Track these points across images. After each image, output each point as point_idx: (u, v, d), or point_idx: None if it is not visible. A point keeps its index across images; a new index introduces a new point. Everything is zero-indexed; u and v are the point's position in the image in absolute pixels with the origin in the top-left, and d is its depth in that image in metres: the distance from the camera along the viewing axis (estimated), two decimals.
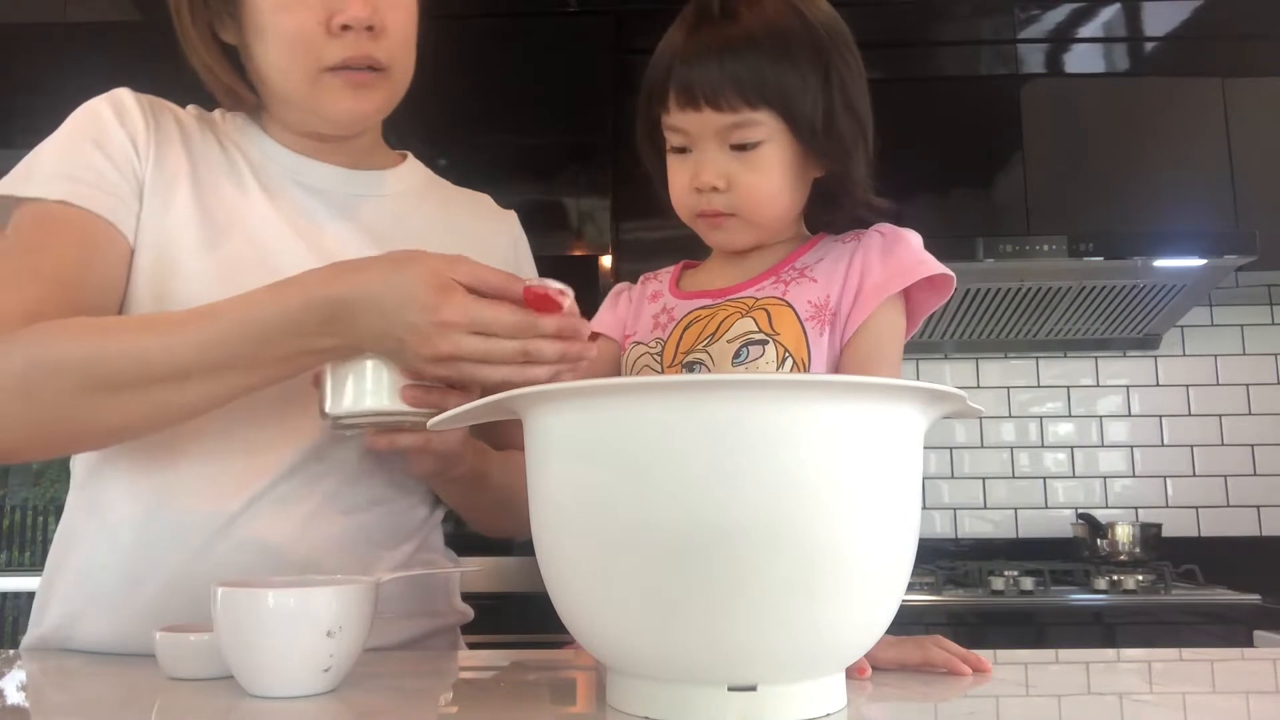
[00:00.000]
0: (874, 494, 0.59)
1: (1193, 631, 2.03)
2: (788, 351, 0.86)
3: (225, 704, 0.67)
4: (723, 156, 0.86)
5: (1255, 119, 2.41)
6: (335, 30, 0.89)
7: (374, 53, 0.91)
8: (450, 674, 0.84)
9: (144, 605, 0.87)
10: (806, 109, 0.85)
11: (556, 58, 2.41)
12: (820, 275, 0.89)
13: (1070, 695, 0.74)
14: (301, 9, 0.89)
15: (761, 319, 0.88)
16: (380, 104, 0.96)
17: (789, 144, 0.86)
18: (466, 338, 0.75)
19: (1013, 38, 2.52)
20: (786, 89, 0.84)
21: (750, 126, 0.85)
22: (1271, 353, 2.65)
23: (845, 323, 0.87)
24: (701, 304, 0.92)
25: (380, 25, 0.91)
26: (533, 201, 2.39)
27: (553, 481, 0.62)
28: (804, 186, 0.90)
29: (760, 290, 0.90)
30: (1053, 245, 2.25)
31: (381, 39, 0.91)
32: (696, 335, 0.89)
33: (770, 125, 0.85)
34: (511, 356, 0.76)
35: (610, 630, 0.61)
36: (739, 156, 0.86)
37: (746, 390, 0.57)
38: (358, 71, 0.91)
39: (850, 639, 0.62)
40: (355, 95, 0.93)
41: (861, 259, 0.89)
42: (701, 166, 0.87)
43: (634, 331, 0.96)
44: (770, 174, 0.87)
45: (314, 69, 0.91)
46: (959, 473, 2.66)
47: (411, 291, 0.75)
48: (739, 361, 0.86)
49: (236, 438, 0.90)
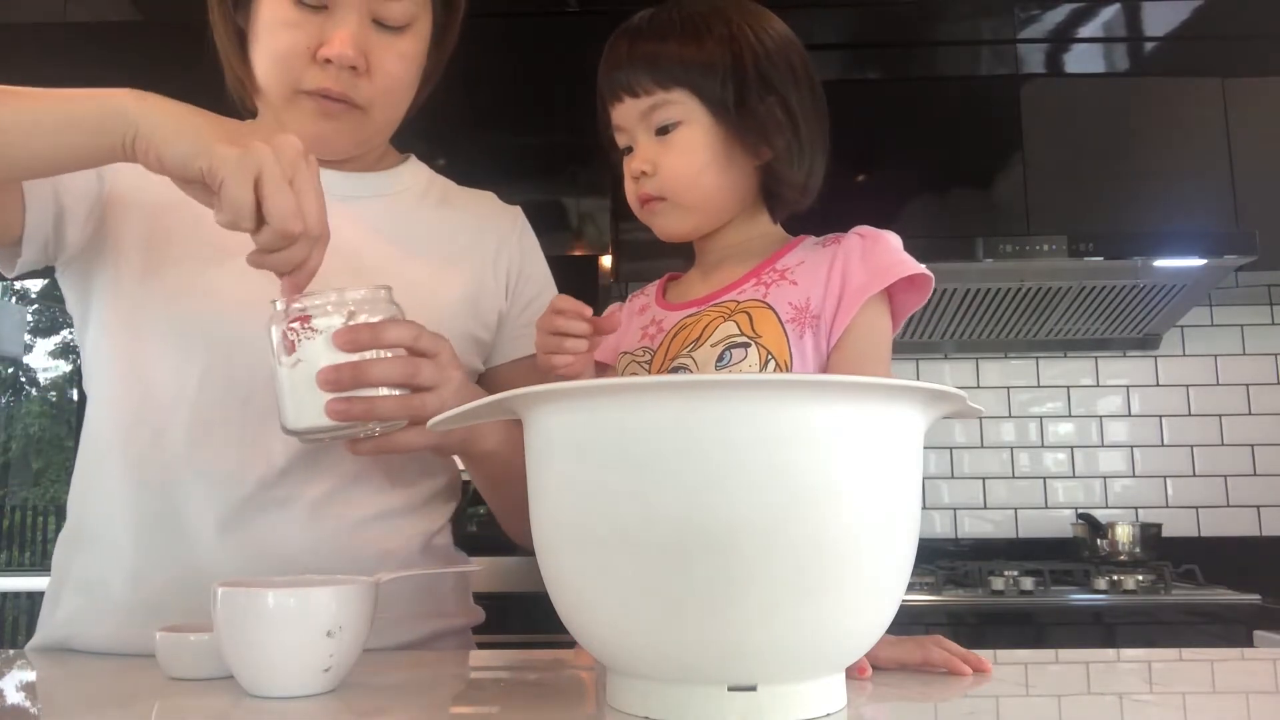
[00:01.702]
0: (874, 494, 0.59)
1: (1193, 631, 2.03)
2: (770, 354, 0.86)
3: (225, 704, 0.67)
4: (650, 143, 0.91)
5: (1255, 119, 2.41)
6: (319, 59, 0.90)
7: (351, 92, 0.92)
8: (450, 674, 0.84)
9: (145, 608, 0.87)
10: (716, 85, 0.89)
11: (556, 58, 2.41)
12: (801, 278, 0.90)
13: (1070, 695, 0.74)
14: (295, 30, 0.90)
15: (744, 322, 0.88)
16: (350, 138, 0.97)
17: (709, 125, 0.90)
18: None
19: (1013, 38, 2.52)
20: (694, 67, 0.89)
21: (665, 107, 0.90)
22: (1271, 353, 2.65)
23: (830, 326, 0.88)
24: (689, 313, 0.93)
25: (366, 68, 0.92)
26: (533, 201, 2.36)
27: (553, 481, 0.62)
28: (738, 173, 0.92)
29: (742, 293, 0.91)
30: (1053, 245, 2.25)
31: (363, 81, 0.92)
32: (682, 342, 0.90)
33: (686, 105, 0.89)
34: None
35: (610, 630, 0.61)
36: (662, 140, 0.91)
37: (747, 390, 0.57)
38: (330, 101, 0.92)
39: (850, 639, 0.62)
40: (322, 123, 0.93)
41: (842, 262, 0.89)
42: (634, 155, 0.92)
43: (622, 344, 0.98)
44: (691, 154, 0.90)
45: (291, 88, 0.92)
46: (959, 473, 2.66)
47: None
48: (722, 365, 0.86)
49: (233, 438, 0.90)
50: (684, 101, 0.89)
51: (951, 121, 2.45)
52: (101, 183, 0.95)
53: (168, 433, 0.91)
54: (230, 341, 0.91)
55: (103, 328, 0.95)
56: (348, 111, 0.93)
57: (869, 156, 2.40)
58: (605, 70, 0.93)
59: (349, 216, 0.98)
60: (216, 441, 0.90)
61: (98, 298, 0.96)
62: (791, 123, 0.90)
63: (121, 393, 0.93)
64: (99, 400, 0.96)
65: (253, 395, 0.89)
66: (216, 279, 0.92)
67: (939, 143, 2.41)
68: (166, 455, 0.90)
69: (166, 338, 0.92)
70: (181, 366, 0.91)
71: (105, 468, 0.92)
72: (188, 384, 0.91)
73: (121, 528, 0.90)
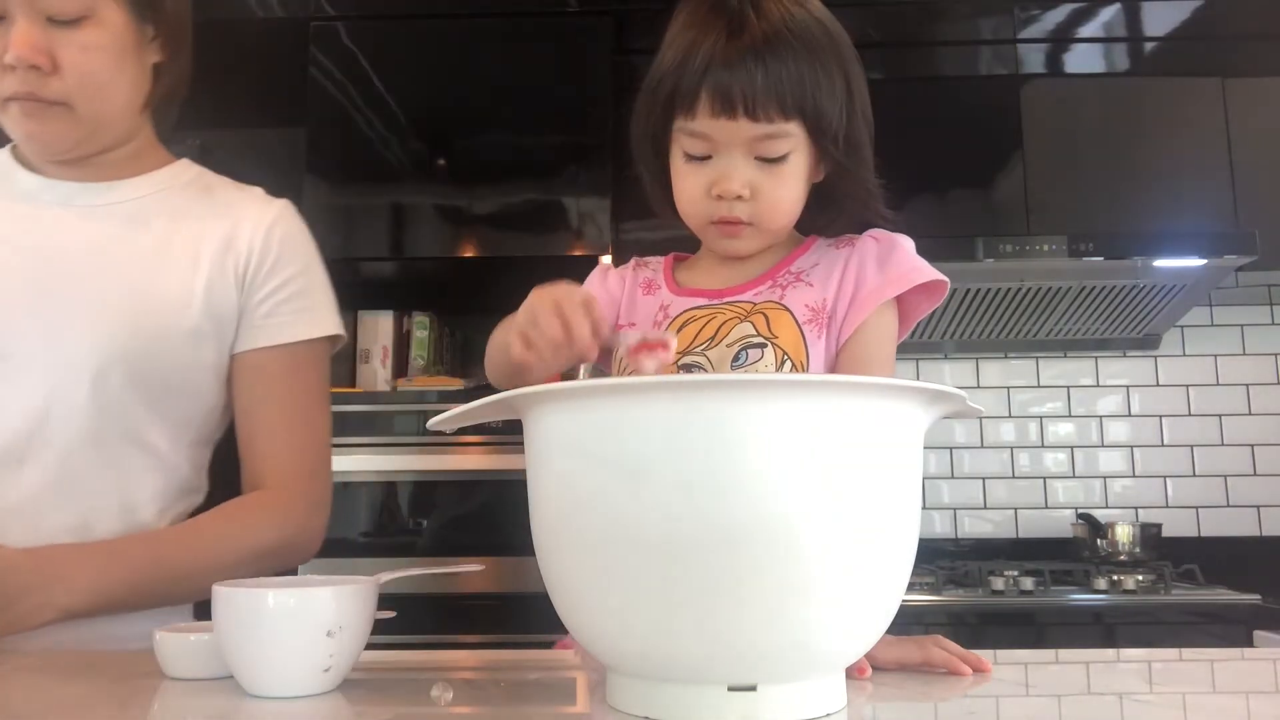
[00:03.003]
0: (874, 494, 0.59)
1: (1193, 631, 2.02)
2: (786, 354, 0.86)
3: (225, 704, 0.67)
4: (748, 166, 0.85)
5: (1255, 119, 2.41)
6: (5, 66, 0.94)
7: (39, 91, 0.96)
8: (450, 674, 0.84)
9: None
10: (834, 122, 0.85)
11: (556, 58, 2.41)
12: (816, 279, 0.90)
13: (1070, 695, 0.74)
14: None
15: (760, 323, 0.88)
16: (65, 134, 1.00)
17: (808, 154, 0.87)
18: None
19: (1013, 38, 2.52)
20: (820, 102, 0.84)
21: (781, 139, 0.84)
22: (1271, 353, 2.65)
23: (841, 326, 0.88)
24: (697, 303, 0.92)
25: (51, 65, 0.95)
26: (533, 201, 2.39)
27: (553, 481, 0.62)
28: (807, 192, 0.91)
29: (758, 295, 0.90)
30: (1053, 245, 2.25)
31: (52, 79, 0.96)
32: (693, 337, 0.89)
33: (797, 137, 0.85)
34: None
35: (610, 630, 0.61)
36: (764, 167, 0.85)
37: (747, 390, 0.57)
38: (30, 102, 0.96)
39: (850, 639, 0.62)
40: (30, 122, 0.98)
41: (857, 264, 0.89)
42: (726, 175, 0.85)
43: (629, 320, 0.96)
44: (793, 185, 0.87)
45: (0, 97, 0.96)
46: (959, 473, 2.66)
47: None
48: (738, 365, 0.86)
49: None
50: (797, 133, 0.85)
51: (951, 121, 2.45)
52: None
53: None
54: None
55: None
56: (49, 109, 0.97)
57: None
58: (718, 76, 0.82)
59: (73, 224, 1.02)
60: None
61: None
62: (872, 141, 0.89)
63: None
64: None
65: None
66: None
67: (939, 143, 2.41)
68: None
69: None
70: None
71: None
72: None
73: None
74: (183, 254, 1.04)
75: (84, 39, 0.97)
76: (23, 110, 0.97)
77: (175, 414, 1.03)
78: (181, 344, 1.01)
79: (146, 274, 1.02)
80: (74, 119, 0.99)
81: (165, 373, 1.01)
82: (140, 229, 1.04)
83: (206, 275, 1.04)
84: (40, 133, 0.99)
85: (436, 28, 2.44)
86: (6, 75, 0.95)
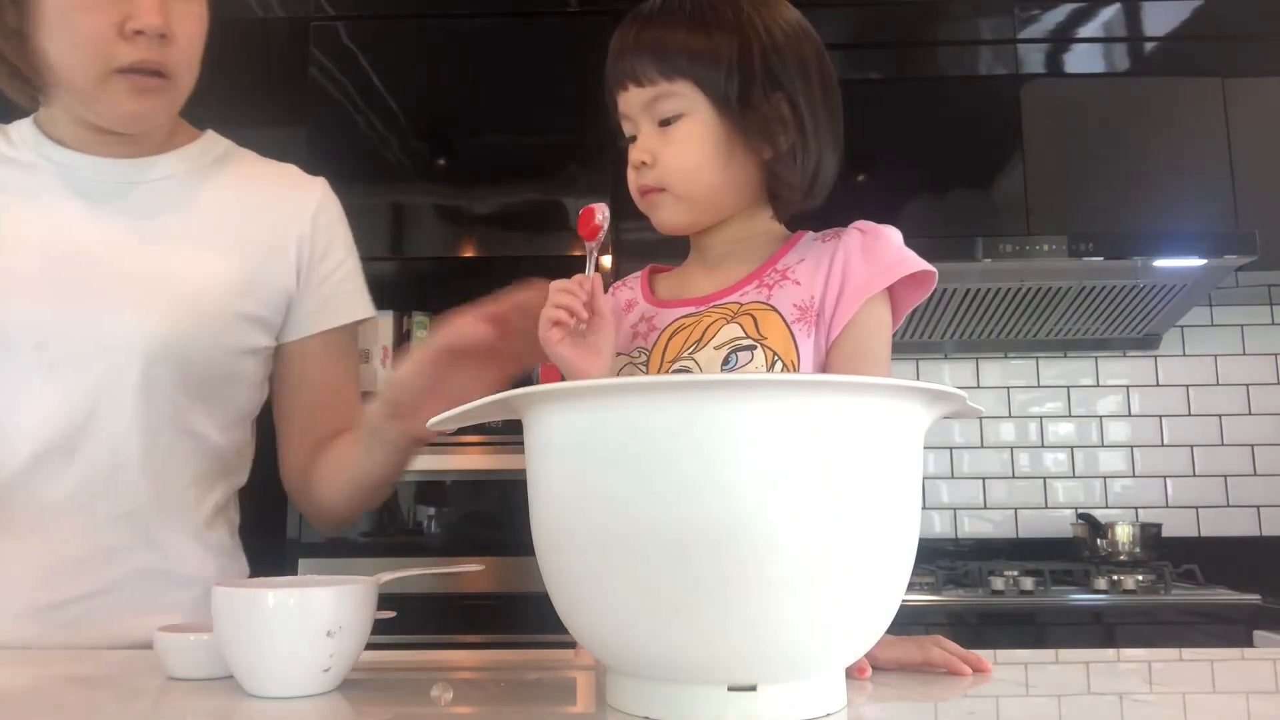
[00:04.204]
0: (874, 494, 0.59)
1: (1193, 631, 2.03)
2: (776, 355, 0.85)
3: (225, 704, 0.67)
4: (652, 133, 0.90)
5: (1255, 119, 2.41)
6: (128, 34, 0.93)
7: (162, 60, 0.95)
8: (450, 674, 0.84)
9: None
10: (720, 79, 0.87)
11: (556, 58, 2.41)
12: (803, 277, 0.89)
13: (1070, 695, 0.74)
14: (96, 10, 0.92)
15: (748, 324, 0.87)
16: (162, 109, 1.00)
17: (712, 119, 0.88)
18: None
19: (1013, 38, 2.52)
20: (699, 58, 0.87)
21: (669, 98, 0.88)
22: (1271, 353, 2.65)
23: (830, 322, 0.87)
24: (686, 312, 0.92)
25: (170, 34, 0.94)
26: (533, 201, 2.39)
27: (553, 481, 0.62)
28: (739, 168, 0.90)
29: (744, 295, 0.90)
30: (1053, 245, 2.25)
31: (170, 47, 0.95)
32: (682, 343, 0.89)
33: (689, 97, 0.88)
34: None
35: (610, 630, 0.61)
36: (664, 131, 0.89)
37: (746, 390, 0.57)
38: (144, 76, 0.95)
39: (850, 639, 0.62)
40: (138, 99, 0.96)
41: (843, 258, 0.88)
42: (636, 145, 0.91)
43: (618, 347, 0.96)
44: (691, 147, 0.88)
45: (103, 70, 0.94)
46: (959, 473, 2.66)
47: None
48: (728, 368, 0.85)
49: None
50: (687, 93, 0.87)
51: (951, 121, 2.45)
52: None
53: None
54: None
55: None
56: (159, 84, 0.97)
57: (869, 156, 2.40)
58: (613, 57, 0.91)
59: (113, 207, 1.01)
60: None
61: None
62: (797, 121, 0.88)
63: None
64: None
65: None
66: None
67: (939, 143, 2.41)
68: None
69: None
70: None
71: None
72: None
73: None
74: (227, 239, 1.04)
75: (197, 9, 0.98)
76: (133, 86, 0.95)
77: (218, 398, 1.03)
78: (226, 330, 1.01)
79: (190, 260, 1.01)
80: (174, 92, 0.99)
81: (210, 359, 1.01)
82: (180, 212, 1.03)
83: (255, 262, 1.04)
84: (147, 110, 0.98)
85: (436, 28, 2.44)
86: (122, 45, 0.93)
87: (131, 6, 0.92)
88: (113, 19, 0.92)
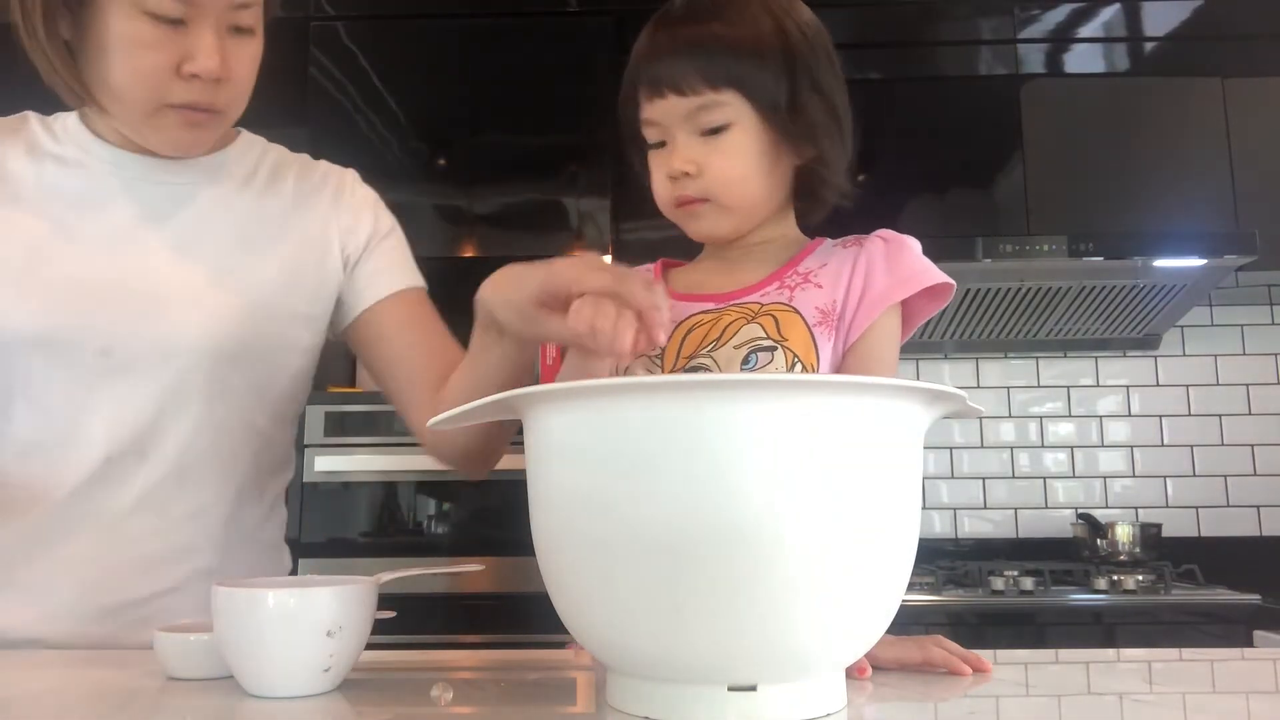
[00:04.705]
0: (874, 494, 0.59)
1: (1193, 631, 2.03)
2: (797, 357, 0.86)
3: (225, 704, 0.67)
4: (694, 142, 0.87)
5: (1255, 119, 2.41)
6: (185, 75, 0.93)
7: (215, 101, 0.96)
8: (450, 674, 0.84)
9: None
10: (769, 87, 0.86)
11: (556, 58, 2.41)
12: (825, 281, 0.89)
13: (1070, 695, 0.74)
14: (157, 50, 0.92)
15: (769, 325, 0.87)
16: (209, 140, 1.01)
17: (757, 127, 0.87)
18: None
19: (1013, 38, 2.52)
20: (746, 67, 0.85)
21: (715, 108, 0.86)
22: (1271, 353, 2.65)
23: (849, 327, 0.88)
24: (704, 308, 0.91)
25: (226, 76, 0.95)
26: (533, 201, 2.39)
27: (553, 481, 0.62)
28: (781, 174, 0.90)
29: (765, 295, 0.90)
30: (1053, 245, 2.25)
31: (224, 88, 0.96)
32: (699, 340, 0.89)
33: (736, 107, 0.86)
34: None
35: (610, 630, 0.61)
36: (708, 141, 0.87)
37: (747, 390, 0.57)
38: (196, 112, 0.96)
39: (850, 639, 0.62)
40: (188, 131, 0.98)
41: (865, 265, 0.89)
42: (674, 154, 0.88)
43: None
44: (739, 156, 0.87)
45: (157, 104, 0.95)
46: (959, 473, 2.66)
47: None
48: (747, 368, 0.86)
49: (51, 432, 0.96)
50: (734, 103, 0.85)
51: (951, 121, 2.45)
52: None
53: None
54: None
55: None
56: (210, 118, 0.97)
57: (869, 156, 2.39)
58: (643, 61, 0.88)
59: (167, 209, 1.02)
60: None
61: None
62: (835, 121, 0.88)
63: None
64: None
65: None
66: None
67: (939, 143, 2.41)
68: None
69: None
70: None
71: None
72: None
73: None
74: (273, 237, 1.05)
75: (253, 50, 0.98)
76: (184, 120, 0.96)
77: (276, 394, 1.05)
78: (281, 328, 1.03)
79: (241, 261, 1.02)
80: (223, 124, 1.00)
81: (268, 357, 1.02)
82: (226, 213, 1.04)
83: (301, 257, 1.05)
84: (195, 142, 0.99)
85: (437, 28, 2.45)
86: (177, 84, 0.94)
87: (192, 48, 0.92)
88: (172, 60, 0.92)
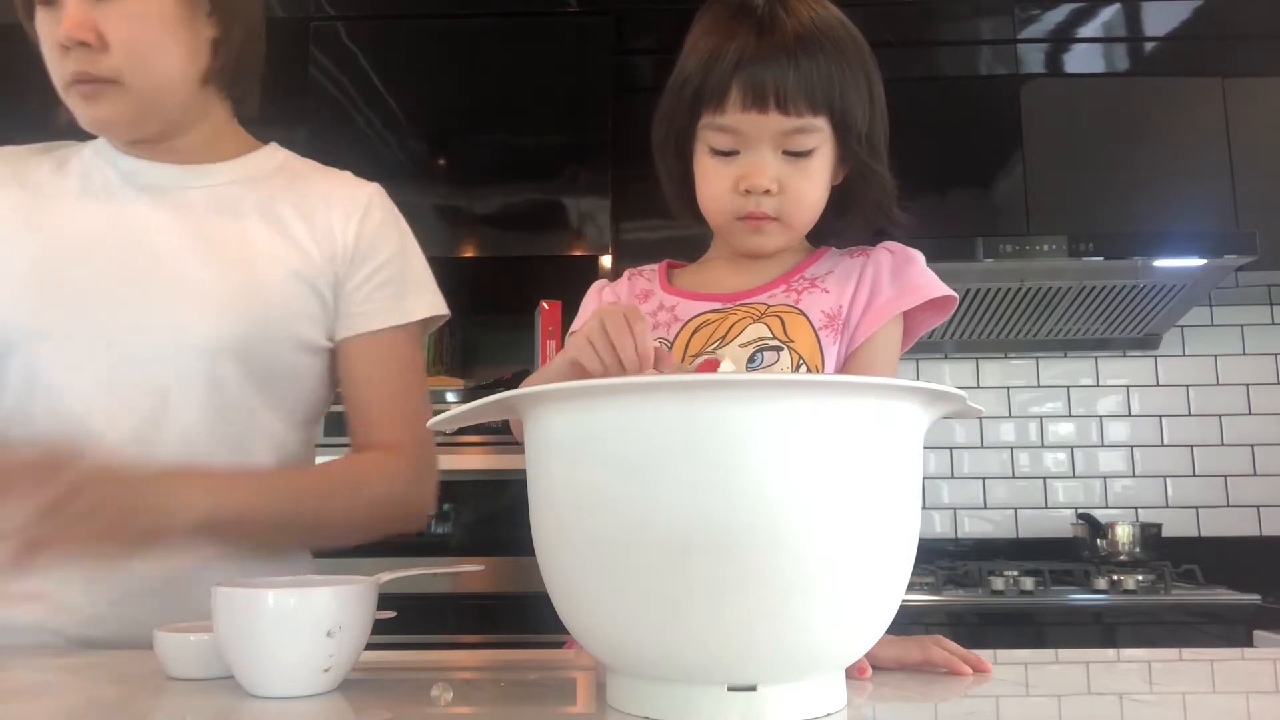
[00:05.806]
0: (874, 494, 0.59)
1: (1193, 631, 2.03)
2: (802, 359, 0.87)
3: (225, 704, 0.67)
4: (776, 160, 0.86)
5: (1255, 119, 2.41)
6: (65, 47, 0.96)
7: (91, 69, 0.97)
8: (450, 674, 0.84)
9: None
10: (859, 118, 0.86)
11: (556, 58, 2.41)
12: (832, 287, 0.91)
13: (1070, 695, 0.74)
14: (48, 25, 0.97)
15: (775, 326, 0.88)
16: (121, 112, 1.01)
17: (832, 152, 0.88)
18: None
19: (1013, 38, 2.52)
20: (847, 99, 0.85)
21: (810, 133, 0.85)
22: (1271, 353, 2.65)
23: (853, 334, 0.89)
24: (710, 307, 0.92)
25: (99, 42, 0.96)
26: (533, 201, 2.39)
27: (553, 481, 0.62)
28: (828, 194, 0.91)
29: (772, 297, 0.91)
30: (1053, 245, 2.25)
31: (101, 56, 0.97)
32: (706, 338, 0.90)
33: (825, 133, 0.86)
34: None
35: (610, 630, 0.61)
36: (791, 161, 0.86)
37: (747, 390, 0.57)
38: (86, 84, 0.98)
39: (850, 639, 0.62)
40: (89, 106, 0.99)
41: (872, 274, 0.90)
42: (754, 169, 0.86)
43: None
44: (819, 182, 0.88)
45: (63, 83, 0.99)
46: (959, 473, 2.66)
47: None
48: (753, 366, 0.86)
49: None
50: (824, 129, 0.86)
51: (951, 121, 2.45)
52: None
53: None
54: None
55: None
56: (104, 89, 0.98)
57: None
58: (750, 70, 0.83)
59: (170, 206, 1.04)
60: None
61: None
62: (886, 146, 0.90)
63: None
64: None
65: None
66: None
67: (939, 143, 2.41)
68: None
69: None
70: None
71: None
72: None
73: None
74: (280, 239, 1.05)
75: (128, 8, 0.98)
76: (81, 94, 0.98)
77: (284, 394, 1.05)
78: (285, 326, 1.03)
79: (247, 259, 1.03)
80: (127, 95, 0.99)
81: (272, 354, 1.03)
82: (237, 214, 1.05)
83: (306, 261, 1.05)
84: (99, 115, 1.00)
85: (436, 28, 2.44)
86: (64, 59, 0.96)
87: (61, 19, 0.96)
88: (54, 37, 0.96)
